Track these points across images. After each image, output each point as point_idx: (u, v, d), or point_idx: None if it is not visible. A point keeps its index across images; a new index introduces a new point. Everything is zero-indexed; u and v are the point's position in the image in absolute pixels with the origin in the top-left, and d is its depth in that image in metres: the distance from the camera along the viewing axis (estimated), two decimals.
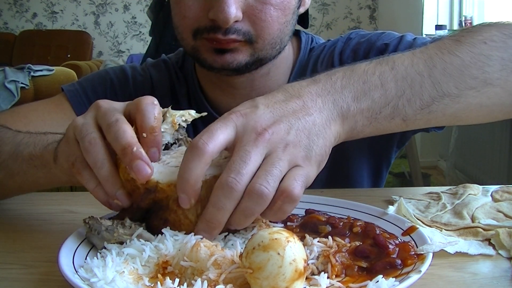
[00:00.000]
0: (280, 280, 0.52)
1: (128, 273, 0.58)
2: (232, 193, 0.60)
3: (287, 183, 0.61)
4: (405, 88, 0.70)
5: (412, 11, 4.62)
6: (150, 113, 0.66)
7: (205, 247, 0.59)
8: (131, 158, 0.62)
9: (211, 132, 0.62)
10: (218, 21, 0.88)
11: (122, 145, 0.63)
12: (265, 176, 0.60)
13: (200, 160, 0.61)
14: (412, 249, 0.61)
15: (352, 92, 0.68)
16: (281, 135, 0.62)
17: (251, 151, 0.61)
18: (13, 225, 0.85)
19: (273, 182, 0.60)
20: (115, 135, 0.64)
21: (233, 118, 0.63)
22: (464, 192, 0.87)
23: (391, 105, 0.69)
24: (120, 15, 5.92)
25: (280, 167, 0.61)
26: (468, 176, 3.54)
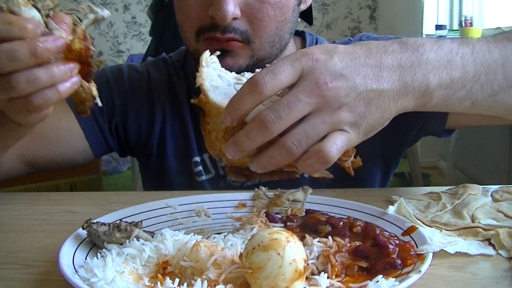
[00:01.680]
0: (280, 280, 0.52)
1: (128, 273, 0.58)
2: (265, 132, 0.59)
3: (326, 144, 0.60)
4: (481, 74, 0.72)
5: (412, 11, 4.62)
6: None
7: (205, 247, 0.59)
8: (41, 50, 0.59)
9: (275, 71, 0.61)
10: (217, 18, 0.89)
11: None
12: (301, 136, 0.60)
13: (255, 98, 0.60)
14: (412, 249, 0.61)
15: (436, 68, 0.68)
16: (340, 95, 0.61)
17: (301, 100, 0.60)
18: (13, 225, 0.85)
19: (305, 144, 0.60)
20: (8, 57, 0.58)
21: (302, 61, 0.61)
22: (464, 192, 0.87)
23: (467, 88, 0.71)
24: (120, 15, 5.91)
25: (320, 130, 0.60)
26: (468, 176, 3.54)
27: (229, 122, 0.63)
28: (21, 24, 0.59)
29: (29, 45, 0.58)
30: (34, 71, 0.59)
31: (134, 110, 1.11)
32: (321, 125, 0.60)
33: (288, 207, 0.78)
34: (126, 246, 0.64)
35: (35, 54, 0.58)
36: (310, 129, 0.60)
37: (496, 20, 3.69)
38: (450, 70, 0.69)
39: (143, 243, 0.64)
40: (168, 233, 0.65)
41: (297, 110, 0.59)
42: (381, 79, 0.63)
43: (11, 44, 0.58)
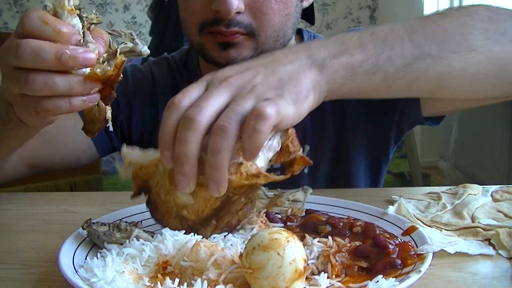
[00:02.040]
0: (280, 280, 0.52)
1: (128, 273, 0.58)
2: (192, 123, 0.59)
3: (256, 107, 0.59)
4: (385, 48, 0.70)
5: (412, 11, 4.62)
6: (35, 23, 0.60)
7: (205, 247, 0.59)
8: (73, 61, 0.58)
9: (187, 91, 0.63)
10: (221, 12, 0.89)
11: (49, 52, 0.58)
12: (226, 113, 0.59)
13: (173, 113, 0.61)
14: (412, 249, 0.61)
15: (328, 50, 0.68)
16: (247, 79, 0.63)
17: (213, 91, 0.61)
18: (13, 225, 0.85)
19: (235, 116, 0.59)
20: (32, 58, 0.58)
21: (205, 78, 0.66)
22: (464, 192, 0.87)
23: (371, 60, 0.69)
24: (120, 15, 5.91)
25: (244, 103, 0.60)
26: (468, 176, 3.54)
27: (169, 158, 0.61)
28: (57, 27, 0.59)
29: (57, 48, 0.58)
30: (53, 76, 0.59)
31: (139, 109, 1.11)
32: (243, 100, 0.60)
33: (288, 207, 0.78)
34: (126, 246, 0.64)
35: (59, 59, 0.58)
36: (233, 105, 0.60)
37: None
38: (346, 49, 0.69)
39: (143, 243, 0.64)
40: (168, 233, 0.65)
41: (213, 98, 0.61)
42: (279, 60, 0.66)
43: (40, 42, 0.58)
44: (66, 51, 0.58)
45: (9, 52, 0.60)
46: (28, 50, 0.58)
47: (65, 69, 0.59)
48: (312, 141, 1.05)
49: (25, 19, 0.59)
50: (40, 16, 0.59)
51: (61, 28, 0.59)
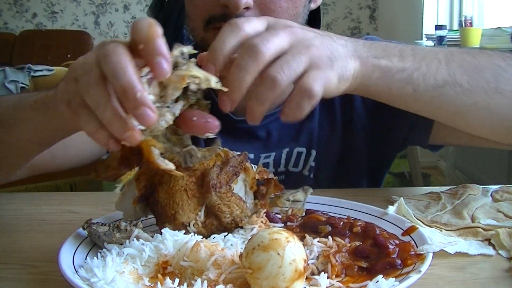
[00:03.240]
0: (280, 280, 0.52)
1: (128, 273, 0.58)
2: (257, 54, 0.60)
3: (306, 80, 0.61)
4: (422, 65, 0.73)
5: (412, 11, 4.62)
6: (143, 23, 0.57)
7: (205, 247, 0.59)
8: (134, 104, 0.53)
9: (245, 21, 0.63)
10: (229, 6, 0.87)
11: (122, 85, 0.54)
12: (281, 65, 0.60)
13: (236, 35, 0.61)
14: (412, 249, 0.61)
15: (372, 51, 0.71)
16: (308, 36, 0.64)
17: (279, 32, 0.62)
18: (13, 225, 0.85)
19: (288, 71, 0.60)
20: (113, 70, 0.55)
21: (264, 18, 0.66)
22: (464, 192, 0.87)
23: (407, 71, 0.72)
24: (120, 15, 5.91)
25: (299, 60, 0.61)
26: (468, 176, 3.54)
27: (213, 70, 0.60)
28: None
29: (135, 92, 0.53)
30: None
31: None
32: (299, 55, 0.62)
33: (288, 208, 0.78)
34: (126, 246, 0.64)
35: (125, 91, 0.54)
36: (290, 59, 0.61)
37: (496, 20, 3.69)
38: (387, 56, 0.71)
39: (143, 243, 0.64)
40: (168, 233, 0.65)
41: (278, 38, 0.61)
42: (334, 42, 0.67)
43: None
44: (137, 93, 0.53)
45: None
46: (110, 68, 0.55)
47: (127, 105, 0.55)
48: (318, 146, 1.05)
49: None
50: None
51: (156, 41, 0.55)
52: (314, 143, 1.05)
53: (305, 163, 1.05)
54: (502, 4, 3.78)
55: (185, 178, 0.68)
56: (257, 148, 1.05)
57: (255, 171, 0.74)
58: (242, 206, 0.69)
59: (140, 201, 0.71)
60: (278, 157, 1.04)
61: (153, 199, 0.70)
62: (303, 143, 1.05)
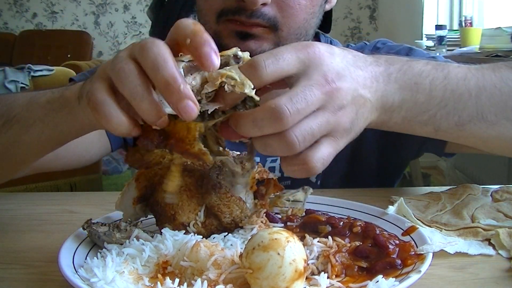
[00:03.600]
0: (280, 280, 0.52)
1: (128, 273, 0.58)
2: (279, 123, 0.55)
3: (314, 156, 0.58)
4: (450, 101, 0.69)
5: (412, 11, 4.62)
6: (187, 21, 0.57)
7: (205, 247, 0.59)
8: (178, 97, 0.53)
9: (278, 57, 0.57)
10: (246, 2, 0.86)
11: (165, 78, 0.53)
12: (307, 132, 0.56)
13: (254, 77, 0.56)
14: (412, 249, 0.61)
15: (402, 88, 0.66)
16: (342, 96, 0.59)
17: (315, 94, 0.56)
18: (13, 225, 0.85)
19: (308, 142, 0.57)
20: (153, 63, 0.54)
21: (308, 52, 0.59)
22: (464, 192, 0.87)
23: (430, 113, 0.68)
24: (120, 15, 5.91)
25: (323, 130, 0.58)
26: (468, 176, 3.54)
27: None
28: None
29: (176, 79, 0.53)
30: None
31: None
32: (325, 125, 0.58)
33: (288, 208, 0.78)
34: (126, 246, 0.64)
35: (168, 84, 0.53)
36: (316, 127, 0.57)
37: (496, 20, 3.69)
38: (416, 93, 0.67)
39: (143, 243, 0.64)
40: (168, 233, 0.65)
41: (313, 105, 0.56)
42: (367, 88, 0.62)
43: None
44: (182, 85, 0.53)
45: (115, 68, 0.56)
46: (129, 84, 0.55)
47: (164, 89, 0.54)
48: None
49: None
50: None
51: (201, 34, 0.55)
52: None
53: None
54: (502, 4, 3.78)
55: (185, 179, 0.68)
56: None
57: (255, 171, 0.74)
58: (242, 206, 0.69)
59: (140, 201, 0.71)
60: None
61: (152, 200, 0.70)
62: None
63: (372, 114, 0.64)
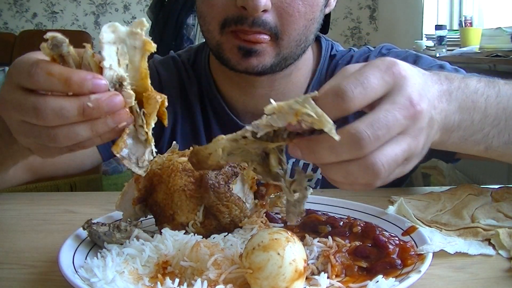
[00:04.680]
0: (280, 280, 0.52)
1: (128, 273, 0.58)
2: (357, 150, 0.52)
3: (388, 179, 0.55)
4: (501, 119, 0.69)
5: (412, 11, 4.62)
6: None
7: (205, 247, 0.59)
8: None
9: (365, 84, 0.53)
10: (248, 8, 0.86)
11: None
12: (390, 157, 0.53)
13: (339, 112, 0.53)
14: (412, 249, 0.61)
15: (461, 107, 0.64)
16: (423, 118, 0.56)
17: (398, 120, 0.53)
18: (13, 225, 0.85)
19: (393, 168, 0.54)
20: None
21: (394, 73, 0.55)
22: (464, 192, 0.87)
23: (484, 132, 0.68)
24: (120, 15, 5.91)
25: (404, 155, 0.54)
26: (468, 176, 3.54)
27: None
28: (64, 76, 0.54)
29: (78, 103, 0.54)
30: (76, 128, 0.55)
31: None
32: (407, 150, 0.54)
33: None
34: (126, 246, 0.64)
35: (82, 114, 0.54)
36: (400, 153, 0.54)
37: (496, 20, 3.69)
38: (473, 112, 0.66)
39: (143, 243, 0.64)
40: (168, 233, 0.65)
41: (394, 131, 0.53)
42: (436, 108, 0.60)
43: (59, 100, 0.54)
44: (88, 104, 0.54)
45: (24, 111, 0.56)
46: (49, 112, 0.54)
47: (90, 119, 0.55)
48: None
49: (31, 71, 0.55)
50: (45, 68, 0.55)
51: (69, 77, 0.54)
52: None
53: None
54: (502, 4, 3.78)
55: (184, 178, 0.68)
56: None
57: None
58: (241, 206, 0.69)
59: (140, 202, 0.71)
60: None
61: (152, 200, 0.70)
62: None
63: (436, 135, 0.62)
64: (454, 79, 0.65)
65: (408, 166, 0.57)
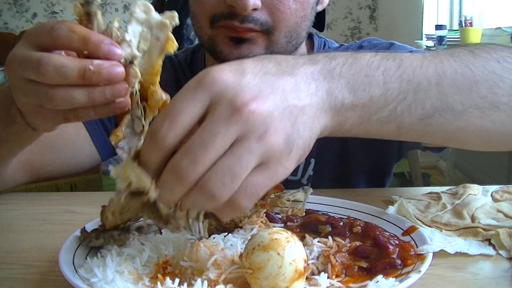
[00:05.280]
0: (280, 280, 0.52)
1: (128, 273, 0.58)
2: (182, 183, 0.49)
3: (239, 192, 0.50)
4: (409, 92, 0.61)
5: (412, 11, 4.62)
6: (63, 31, 0.56)
7: (205, 247, 0.59)
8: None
9: (173, 115, 0.50)
10: (237, 8, 0.86)
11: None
12: (224, 175, 0.48)
13: (159, 153, 0.50)
14: (412, 249, 0.61)
15: (351, 83, 0.58)
16: (262, 117, 0.50)
17: (219, 133, 0.48)
18: (13, 225, 0.85)
19: (231, 183, 0.49)
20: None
21: (207, 88, 0.50)
22: (464, 192, 0.87)
23: (389, 107, 0.61)
24: (120, 15, 5.91)
25: (247, 163, 0.49)
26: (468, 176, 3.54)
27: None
28: (84, 34, 0.55)
29: (80, 64, 0.54)
30: (74, 91, 0.56)
31: None
32: (248, 156, 0.49)
33: (288, 208, 0.78)
34: (126, 246, 0.64)
35: (82, 76, 0.54)
36: (235, 163, 0.49)
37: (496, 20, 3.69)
38: (368, 86, 0.58)
39: (143, 243, 0.64)
40: (168, 233, 0.65)
41: (216, 148, 0.48)
42: (300, 92, 0.54)
43: (63, 58, 0.55)
44: (89, 67, 0.54)
45: (27, 66, 0.57)
46: (50, 68, 0.55)
47: (89, 84, 0.55)
48: (318, 155, 1.04)
49: (54, 27, 0.56)
50: (68, 25, 0.56)
51: (89, 36, 0.55)
52: (314, 152, 1.04)
53: (304, 171, 1.04)
54: (502, 4, 3.78)
55: None
56: None
57: None
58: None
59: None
60: None
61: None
62: None
63: (319, 118, 0.55)
64: (338, 56, 0.59)
65: (275, 168, 0.51)
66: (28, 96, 0.60)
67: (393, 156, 1.10)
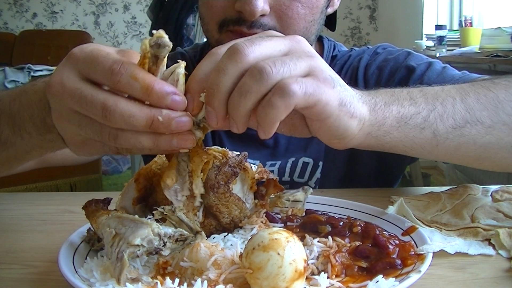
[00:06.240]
0: (280, 280, 0.52)
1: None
2: (237, 55, 0.53)
3: (287, 79, 0.54)
4: (436, 105, 0.67)
5: (412, 11, 4.62)
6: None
7: (205, 247, 0.59)
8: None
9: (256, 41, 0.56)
10: (245, 13, 0.86)
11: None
12: (274, 59, 0.54)
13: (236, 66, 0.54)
14: (412, 249, 0.61)
15: (380, 97, 0.65)
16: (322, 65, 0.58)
17: (275, 36, 0.57)
18: (13, 225, 0.85)
19: (280, 66, 0.53)
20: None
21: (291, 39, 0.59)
22: (464, 192, 0.87)
23: (422, 114, 0.66)
24: (120, 15, 5.91)
25: (296, 62, 0.55)
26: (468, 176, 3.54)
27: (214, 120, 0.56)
28: (146, 82, 0.53)
29: (149, 115, 0.53)
30: (141, 137, 0.55)
31: None
32: (298, 59, 0.55)
33: (288, 208, 0.78)
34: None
35: (150, 126, 0.54)
36: (285, 58, 0.55)
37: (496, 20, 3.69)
38: (397, 100, 0.65)
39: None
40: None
41: (271, 41, 0.56)
42: (343, 85, 0.61)
43: (130, 106, 0.54)
44: (158, 117, 0.53)
45: (89, 107, 0.54)
46: (117, 115, 0.53)
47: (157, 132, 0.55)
48: (326, 158, 1.04)
49: (114, 71, 0.53)
50: (130, 71, 0.53)
51: (153, 85, 0.53)
52: (322, 155, 1.04)
53: (312, 174, 1.04)
54: (502, 4, 3.78)
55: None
56: (264, 155, 1.04)
57: (254, 171, 0.74)
58: (241, 207, 0.69)
59: (140, 202, 0.71)
60: (283, 165, 1.03)
61: (152, 200, 0.70)
62: (311, 154, 1.04)
63: (359, 102, 0.62)
64: (363, 90, 0.67)
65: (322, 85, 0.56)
66: (82, 129, 0.57)
67: (405, 162, 1.09)
